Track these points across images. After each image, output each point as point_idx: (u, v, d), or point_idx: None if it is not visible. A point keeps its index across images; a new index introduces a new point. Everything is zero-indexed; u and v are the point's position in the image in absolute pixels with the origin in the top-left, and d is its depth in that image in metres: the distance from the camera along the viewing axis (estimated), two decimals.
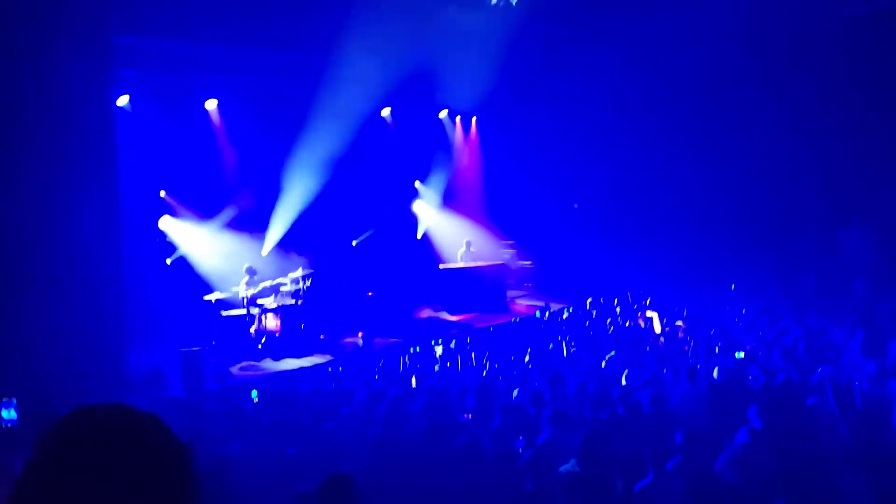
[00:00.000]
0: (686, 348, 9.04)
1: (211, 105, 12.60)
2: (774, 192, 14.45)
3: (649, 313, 10.87)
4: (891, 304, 10.40)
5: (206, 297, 11.40)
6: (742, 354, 7.87)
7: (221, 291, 11.71)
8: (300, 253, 12.93)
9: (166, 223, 12.55)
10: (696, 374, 6.89)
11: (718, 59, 13.02)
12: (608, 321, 11.69)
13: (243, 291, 11.45)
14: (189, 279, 12.34)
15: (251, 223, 12.95)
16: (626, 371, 7.43)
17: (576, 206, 17.86)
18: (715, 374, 7.18)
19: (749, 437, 5.16)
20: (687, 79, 14.06)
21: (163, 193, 12.38)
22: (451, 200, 16.88)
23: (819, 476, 4.81)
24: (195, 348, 9.64)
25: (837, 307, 11.00)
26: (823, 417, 5.86)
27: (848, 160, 13.48)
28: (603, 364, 8.38)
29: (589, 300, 13.10)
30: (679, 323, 10.54)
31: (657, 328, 10.29)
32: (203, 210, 12.64)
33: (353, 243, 14.84)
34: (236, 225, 12.88)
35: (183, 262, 12.56)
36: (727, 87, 14.12)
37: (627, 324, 11.20)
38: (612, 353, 8.74)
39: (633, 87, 14.79)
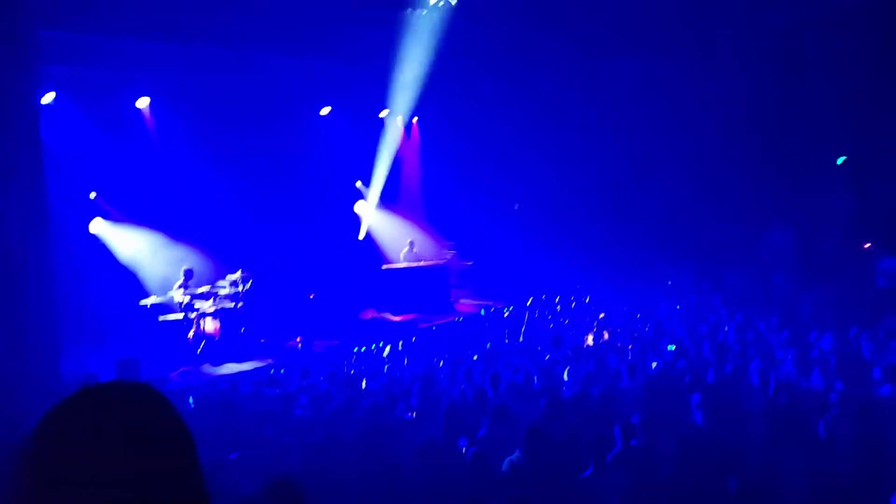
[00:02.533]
0: (619, 344, 9.29)
1: (143, 103, 12.21)
2: (703, 193, 15.05)
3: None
4: (811, 298, 10.98)
5: (142, 302, 11.04)
6: (673, 347, 8.15)
7: (157, 296, 11.36)
8: (239, 256, 12.65)
9: (98, 226, 12.10)
10: (636, 369, 7.10)
11: (649, 65, 13.45)
12: (549, 317, 11.91)
13: (179, 296, 11.13)
14: (124, 283, 11.92)
15: (185, 225, 12.59)
16: (568, 367, 7.59)
17: (517, 206, 18.10)
18: (653, 367, 7.42)
19: (686, 428, 5.35)
20: (620, 83, 14.47)
21: (93, 195, 11.94)
22: (392, 201, 16.84)
23: (753, 464, 5.03)
24: (131, 356, 9.33)
25: (761, 300, 11.57)
26: (754, 407, 6.13)
27: (771, 163, 14.19)
28: (546, 358, 8.54)
29: (530, 299, 13.31)
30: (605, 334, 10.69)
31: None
32: (136, 212, 12.24)
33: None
34: (169, 227, 12.51)
35: (117, 266, 12.13)
36: (658, 92, 14.60)
37: (566, 321, 11.42)
38: (549, 354, 8.89)
39: (569, 90, 15.10)
